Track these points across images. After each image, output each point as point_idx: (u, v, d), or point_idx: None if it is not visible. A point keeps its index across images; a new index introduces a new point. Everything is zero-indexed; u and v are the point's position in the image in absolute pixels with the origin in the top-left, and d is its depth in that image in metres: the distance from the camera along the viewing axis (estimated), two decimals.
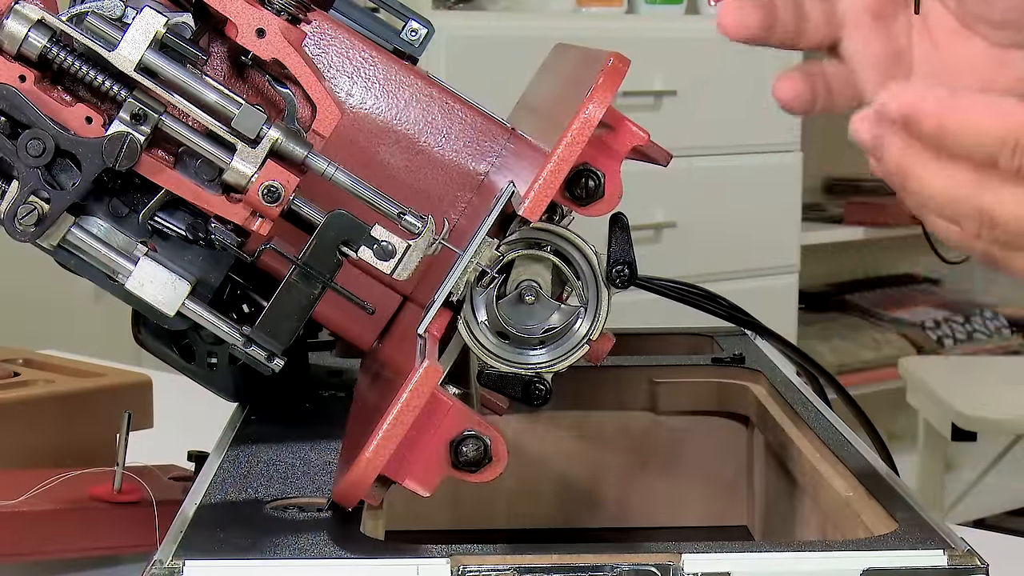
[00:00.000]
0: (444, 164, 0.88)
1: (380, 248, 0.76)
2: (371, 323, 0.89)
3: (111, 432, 0.97)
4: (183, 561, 0.68)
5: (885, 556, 0.69)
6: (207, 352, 0.94)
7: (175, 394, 1.22)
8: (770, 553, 0.70)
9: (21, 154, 0.76)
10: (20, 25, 0.76)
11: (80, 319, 2.84)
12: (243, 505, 0.76)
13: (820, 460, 0.87)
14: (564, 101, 0.85)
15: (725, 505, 1.08)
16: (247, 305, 0.89)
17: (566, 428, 1.08)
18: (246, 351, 0.80)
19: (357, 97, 0.88)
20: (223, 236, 0.78)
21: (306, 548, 0.70)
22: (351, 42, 0.88)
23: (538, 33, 2.64)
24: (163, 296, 0.79)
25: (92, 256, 0.79)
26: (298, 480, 0.80)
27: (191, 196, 0.78)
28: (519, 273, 0.82)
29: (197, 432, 1.02)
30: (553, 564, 0.68)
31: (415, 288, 0.88)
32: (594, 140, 0.78)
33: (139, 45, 0.76)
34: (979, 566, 0.69)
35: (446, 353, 0.81)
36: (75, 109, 0.78)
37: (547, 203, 0.78)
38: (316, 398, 0.99)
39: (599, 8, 3.11)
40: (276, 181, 0.76)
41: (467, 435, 0.73)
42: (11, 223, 0.77)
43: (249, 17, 0.78)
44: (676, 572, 0.68)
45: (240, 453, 0.85)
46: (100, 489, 0.97)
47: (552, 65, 1.01)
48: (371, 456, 0.71)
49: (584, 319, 0.83)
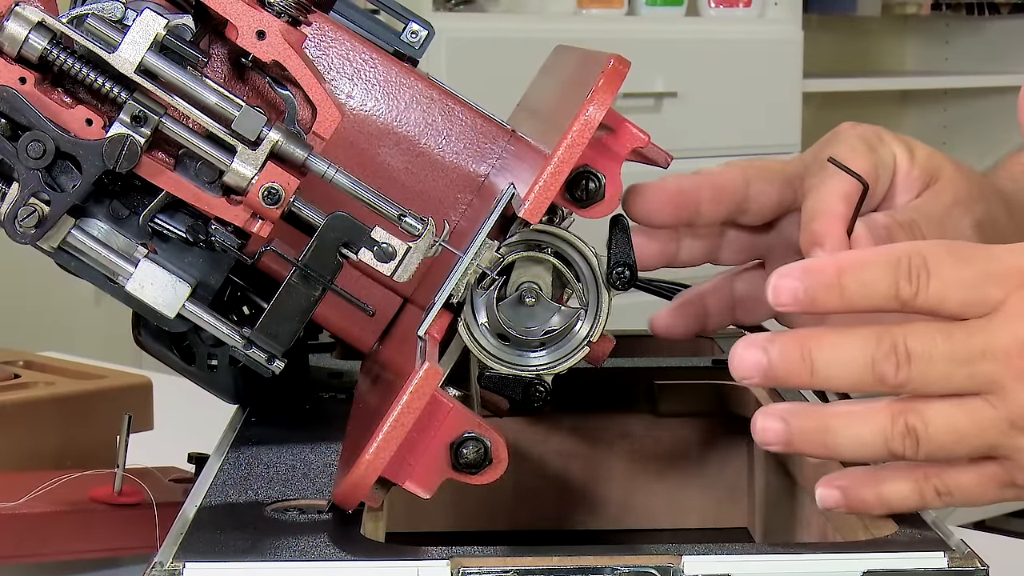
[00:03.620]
0: (444, 166, 0.88)
1: (380, 250, 0.76)
2: (371, 325, 0.89)
3: (111, 434, 0.97)
4: (183, 563, 0.68)
5: (885, 558, 0.69)
6: (207, 354, 0.94)
7: (175, 396, 1.22)
8: (771, 555, 0.70)
9: (21, 156, 0.76)
10: (20, 27, 0.76)
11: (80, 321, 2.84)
12: (243, 507, 0.76)
13: (821, 462, 0.87)
14: (564, 103, 0.85)
15: (725, 507, 1.08)
16: (247, 307, 0.89)
17: (566, 430, 1.08)
18: (246, 353, 0.80)
19: (357, 99, 0.88)
20: (223, 238, 0.78)
21: (306, 550, 0.70)
22: (351, 44, 0.88)
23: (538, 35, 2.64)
24: (163, 298, 0.79)
25: (92, 258, 0.79)
26: (298, 482, 0.80)
27: (191, 198, 0.78)
28: (519, 275, 0.82)
29: (197, 434, 1.02)
30: (553, 566, 0.68)
31: (415, 290, 0.88)
32: (594, 142, 0.78)
33: (139, 47, 0.76)
34: (980, 568, 0.69)
35: (446, 355, 0.81)
36: (75, 111, 0.78)
37: (547, 205, 0.78)
38: (316, 400, 0.99)
39: (599, 10, 3.12)
40: (276, 183, 0.77)
41: (467, 437, 0.73)
42: (11, 225, 0.77)
43: (249, 19, 0.78)
44: (676, 574, 0.68)
45: (240, 455, 0.85)
46: (100, 491, 0.97)
47: (552, 67, 1.01)
48: (371, 458, 0.71)
49: (584, 321, 0.83)
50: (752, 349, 0.70)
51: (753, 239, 0.93)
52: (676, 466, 1.08)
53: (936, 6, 4.43)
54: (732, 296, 0.95)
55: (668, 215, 0.89)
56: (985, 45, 4.49)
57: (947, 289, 0.69)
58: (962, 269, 0.69)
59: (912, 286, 0.69)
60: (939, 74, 4.43)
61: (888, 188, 0.88)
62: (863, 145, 0.87)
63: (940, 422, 0.70)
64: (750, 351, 0.70)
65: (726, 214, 0.90)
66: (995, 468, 0.72)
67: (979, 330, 0.69)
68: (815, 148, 0.89)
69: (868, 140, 0.88)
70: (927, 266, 0.69)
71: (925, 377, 0.69)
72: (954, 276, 0.69)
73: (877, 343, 0.69)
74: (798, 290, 0.69)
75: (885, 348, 0.69)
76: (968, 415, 0.70)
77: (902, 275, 0.69)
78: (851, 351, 0.69)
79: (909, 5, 4.32)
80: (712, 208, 0.89)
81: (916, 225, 0.85)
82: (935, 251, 0.70)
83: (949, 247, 0.70)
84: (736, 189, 0.89)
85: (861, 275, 0.69)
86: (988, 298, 0.69)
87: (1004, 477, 0.72)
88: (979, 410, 0.70)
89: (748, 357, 0.70)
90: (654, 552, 0.69)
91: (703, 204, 0.89)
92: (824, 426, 0.71)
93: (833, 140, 0.89)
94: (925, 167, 0.88)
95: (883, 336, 0.69)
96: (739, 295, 0.95)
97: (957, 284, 0.69)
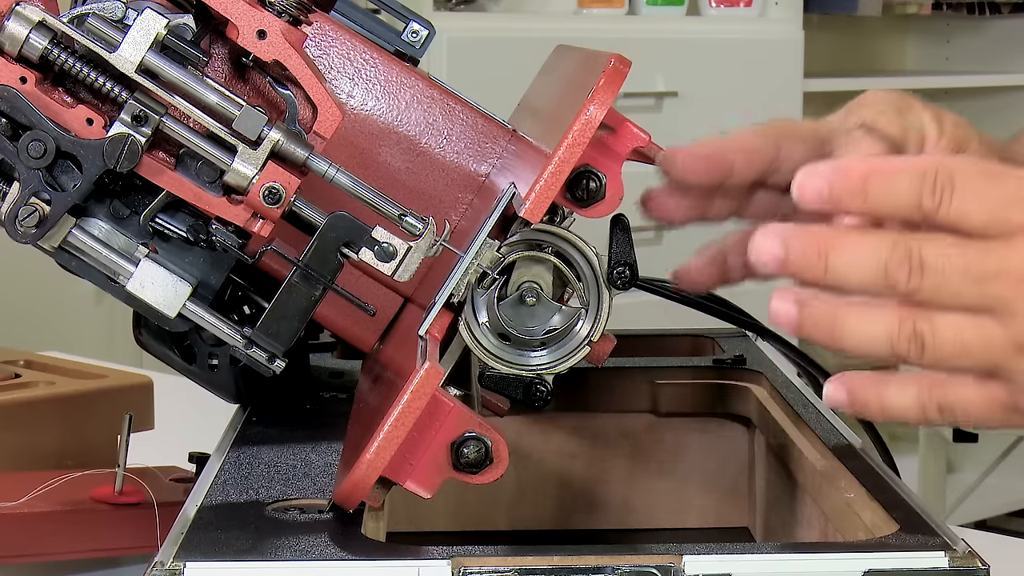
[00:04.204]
0: (445, 165, 0.88)
1: (381, 250, 0.76)
2: (372, 325, 0.89)
3: (112, 434, 0.97)
4: (184, 563, 0.68)
5: (886, 558, 0.69)
6: (208, 353, 0.94)
7: (176, 396, 1.22)
8: (771, 554, 0.70)
9: (22, 156, 0.76)
10: (21, 27, 0.76)
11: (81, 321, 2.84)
12: (244, 507, 0.76)
13: (821, 461, 0.87)
14: (565, 102, 0.85)
15: (726, 507, 1.08)
16: (248, 306, 0.89)
17: (567, 430, 1.08)
18: (247, 352, 0.80)
19: (358, 98, 0.88)
20: (224, 238, 0.78)
21: (307, 550, 0.70)
22: (352, 43, 0.88)
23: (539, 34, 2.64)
24: (164, 298, 0.79)
25: (93, 258, 0.79)
26: (299, 482, 0.80)
27: (192, 198, 0.78)
28: (520, 274, 0.82)
29: (198, 433, 1.02)
30: (554, 566, 0.68)
31: (416, 290, 0.88)
32: (595, 141, 0.78)
33: (140, 47, 0.76)
34: (980, 567, 0.69)
35: (447, 355, 0.81)
36: (76, 111, 0.78)
37: (548, 204, 0.78)
38: (317, 400, 0.99)
39: (600, 9, 3.12)
40: (277, 183, 0.77)
41: (468, 437, 0.73)
42: (12, 225, 0.77)
43: (250, 19, 0.78)
44: (677, 573, 0.68)
45: (241, 455, 0.85)
46: (101, 491, 0.97)
47: (553, 66, 1.01)
48: (372, 458, 0.71)
49: (585, 320, 0.83)
50: (772, 239, 0.70)
51: (780, 199, 0.93)
52: (677, 466, 1.08)
53: (937, 6, 4.43)
54: None
55: (702, 174, 0.89)
56: (986, 45, 4.49)
57: (969, 206, 0.69)
58: (988, 189, 0.70)
59: (935, 198, 0.69)
60: (940, 74, 4.43)
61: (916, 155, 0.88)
62: (892, 109, 0.87)
63: (947, 331, 0.70)
64: (769, 240, 0.70)
65: (757, 174, 0.90)
66: (999, 389, 0.71)
67: (996, 251, 0.69)
68: (843, 112, 0.89)
69: (897, 105, 0.88)
70: (953, 182, 0.69)
71: (937, 289, 0.69)
72: (978, 195, 0.69)
73: (892, 248, 0.69)
74: (823, 189, 0.70)
75: (900, 254, 0.69)
76: (976, 329, 0.70)
77: (927, 187, 0.69)
78: (866, 253, 0.70)
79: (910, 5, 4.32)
80: (745, 168, 0.90)
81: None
82: (964, 168, 0.70)
83: (980, 166, 0.70)
84: (767, 149, 0.90)
85: (887, 182, 0.69)
86: (1010, 220, 0.69)
87: (1007, 400, 0.71)
88: (987, 326, 0.70)
89: (767, 245, 0.71)
90: (655, 551, 0.69)
91: (736, 164, 0.89)
92: (834, 315, 0.71)
93: (863, 103, 0.88)
94: (953, 137, 0.88)
95: (899, 242, 0.69)
96: None
97: (980, 203, 0.69)
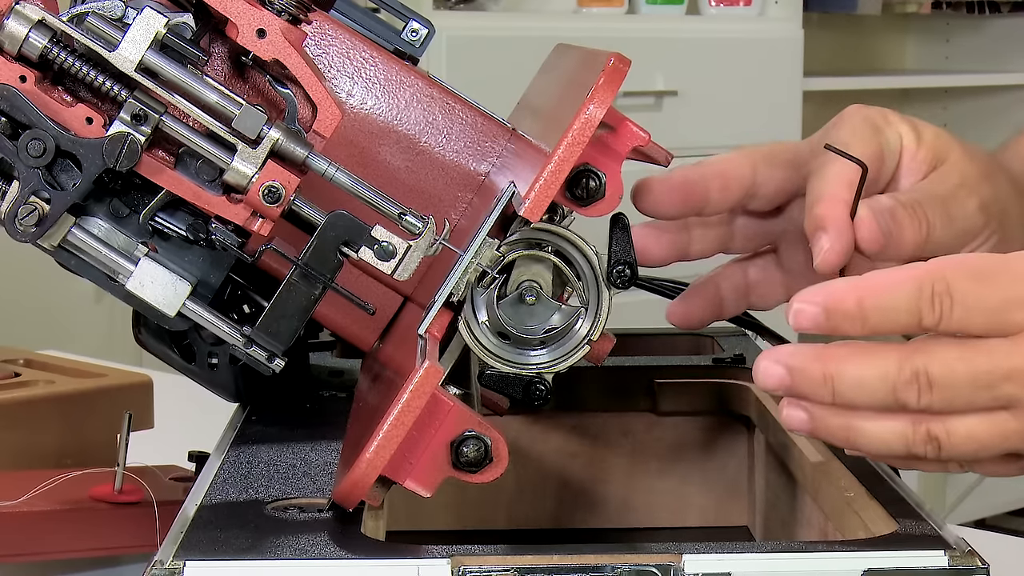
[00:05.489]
0: (445, 164, 0.88)
1: (381, 248, 0.76)
2: (372, 323, 0.89)
3: (112, 433, 0.97)
4: (184, 562, 0.68)
5: (886, 556, 0.69)
6: (208, 352, 0.94)
7: (176, 395, 1.22)
8: (771, 553, 0.70)
9: (22, 154, 0.76)
10: (21, 25, 0.76)
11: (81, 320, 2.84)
12: (244, 506, 0.76)
13: (820, 460, 0.87)
14: (565, 101, 0.85)
15: (726, 506, 1.08)
16: (248, 305, 0.89)
17: (566, 429, 1.08)
18: (247, 351, 0.80)
19: (358, 97, 0.88)
20: (224, 236, 0.78)
21: (307, 549, 0.70)
22: (352, 42, 0.88)
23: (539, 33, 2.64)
24: (164, 296, 0.79)
25: (93, 256, 0.79)
26: (299, 481, 0.80)
27: (191, 196, 0.78)
28: (520, 273, 0.82)
29: (198, 432, 1.02)
30: (554, 565, 0.68)
31: (416, 289, 0.88)
32: (595, 140, 0.78)
33: (139, 45, 0.76)
34: (980, 567, 0.69)
35: (447, 354, 0.81)
36: (76, 109, 0.78)
37: (548, 203, 0.78)
38: (317, 399, 0.99)
39: (600, 8, 3.12)
40: (277, 181, 0.77)
41: (468, 436, 0.73)
42: (12, 224, 0.77)
43: (250, 17, 0.78)
44: (677, 572, 0.68)
45: (241, 454, 0.85)
46: (101, 489, 0.97)
47: (553, 65, 1.01)
48: (372, 457, 0.71)
49: (585, 320, 0.83)
50: (775, 365, 0.71)
51: (764, 225, 0.93)
52: (676, 465, 1.08)
53: (936, 5, 4.43)
54: (746, 282, 0.94)
55: (677, 206, 0.88)
56: (985, 44, 4.49)
57: (970, 315, 0.69)
58: (985, 293, 0.69)
59: (935, 313, 0.69)
60: (939, 72, 4.43)
61: (894, 170, 0.88)
62: (867, 127, 0.87)
63: (961, 431, 0.70)
64: (773, 367, 0.71)
65: (735, 201, 0.89)
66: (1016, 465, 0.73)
67: (1000, 351, 0.69)
68: (822, 131, 0.89)
69: (873, 122, 0.87)
70: (950, 292, 0.69)
71: (948, 401, 0.69)
72: (977, 302, 0.69)
73: (899, 370, 0.69)
74: (819, 316, 0.70)
75: (907, 375, 0.69)
76: (990, 426, 0.70)
77: (924, 302, 0.69)
78: (872, 377, 0.70)
79: (909, 4, 4.32)
80: (721, 196, 0.89)
81: (920, 207, 0.84)
82: (958, 274, 0.69)
83: (971, 268, 0.70)
84: (743, 176, 0.89)
85: (883, 303, 0.69)
86: (1011, 322, 0.69)
87: None
88: (1001, 422, 0.70)
89: (772, 372, 0.71)
90: (655, 550, 0.69)
91: (711, 192, 0.88)
92: (848, 426, 0.72)
93: (839, 123, 0.88)
94: (932, 148, 0.88)
95: (904, 362, 0.69)
96: (752, 281, 0.94)
97: (980, 310, 0.69)
